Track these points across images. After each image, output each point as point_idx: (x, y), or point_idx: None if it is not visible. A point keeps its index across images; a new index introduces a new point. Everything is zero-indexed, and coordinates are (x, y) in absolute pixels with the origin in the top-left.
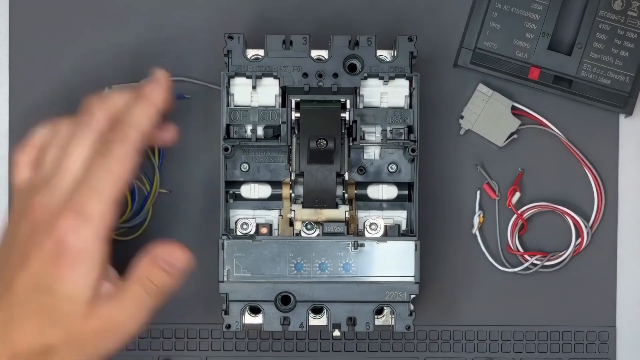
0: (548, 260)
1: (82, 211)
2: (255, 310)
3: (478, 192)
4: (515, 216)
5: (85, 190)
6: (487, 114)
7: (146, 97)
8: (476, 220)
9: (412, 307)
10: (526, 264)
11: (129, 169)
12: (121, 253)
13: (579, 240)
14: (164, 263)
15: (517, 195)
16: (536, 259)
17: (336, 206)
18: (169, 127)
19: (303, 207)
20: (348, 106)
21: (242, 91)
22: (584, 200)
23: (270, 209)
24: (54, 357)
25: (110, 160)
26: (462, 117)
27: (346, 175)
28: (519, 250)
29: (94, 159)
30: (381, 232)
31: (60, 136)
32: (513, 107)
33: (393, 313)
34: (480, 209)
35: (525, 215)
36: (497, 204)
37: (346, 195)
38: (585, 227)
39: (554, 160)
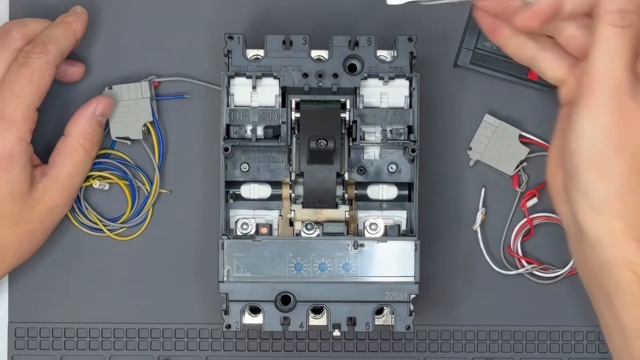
0: (542, 272)
1: (5, 116)
2: (255, 310)
3: (483, 189)
4: (524, 219)
5: (6, 97)
6: (495, 144)
7: (66, 22)
8: (479, 217)
9: (412, 307)
10: (521, 270)
11: (48, 81)
12: (122, 253)
13: None
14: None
15: (534, 200)
16: (532, 267)
17: (336, 206)
18: (79, 63)
19: (303, 207)
20: (348, 106)
21: (242, 91)
22: None
23: (270, 209)
24: (6, 254)
25: (30, 69)
26: (470, 149)
27: (346, 175)
28: (518, 253)
29: (13, 69)
30: (381, 232)
31: None
32: (521, 136)
33: (393, 313)
34: (483, 206)
35: (535, 222)
36: (518, 195)
37: (346, 195)
38: None
39: None
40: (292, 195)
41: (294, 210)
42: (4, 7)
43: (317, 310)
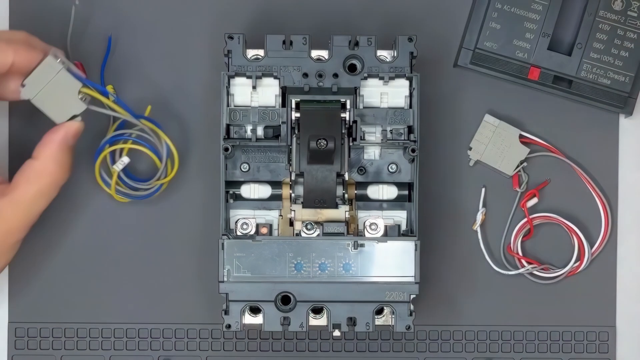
0: (543, 272)
1: None
2: (255, 310)
3: (483, 189)
4: (524, 219)
5: None
6: (495, 144)
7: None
8: (479, 217)
9: (412, 307)
10: (521, 270)
11: None
12: (122, 253)
13: (578, 262)
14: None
15: (534, 200)
16: (532, 267)
17: (336, 206)
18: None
19: (303, 207)
20: (348, 106)
21: (242, 91)
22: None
23: (270, 209)
24: None
25: None
26: (470, 149)
27: (346, 175)
28: (518, 253)
29: None
30: (381, 232)
31: None
32: (521, 136)
33: (393, 313)
34: (483, 206)
35: (535, 222)
36: (518, 195)
37: (346, 195)
38: (588, 251)
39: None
40: (292, 195)
41: (294, 210)
42: (4, 8)
43: (317, 310)
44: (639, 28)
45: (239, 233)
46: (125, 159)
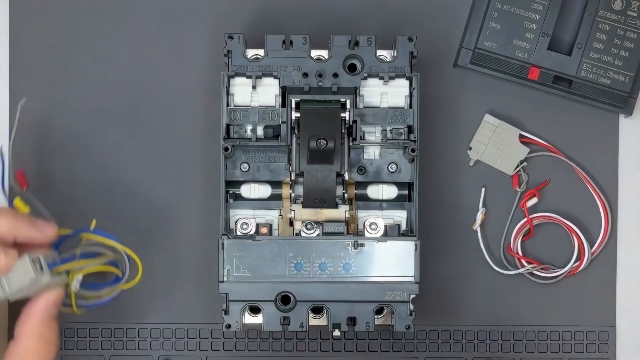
0: (543, 272)
1: None
2: (255, 310)
3: (483, 189)
4: (524, 219)
5: None
6: (495, 144)
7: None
8: (479, 217)
9: (412, 307)
10: (521, 270)
11: None
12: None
13: (578, 262)
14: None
15: (534, 200)
16: (532, 267)
17: (336, 206)
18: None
19: (303, 207)
20: (348, 106)
21: (242, 91)
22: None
23: (270, 209)
24: None
25: None
26: (470, 149)
27: (346, 175)
28: (518, 253)
29: None
30: (381, 232)
31: None
32: (521, 136)
33: (393, 313)
34: (483, 206)
35: (535, 222)
36: (518, 195)
37: (346, 195)
38: (588, 251)
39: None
40: (292, 195)
41: (294, 210)
42: (4, 7)
43: (317, 310)
44: (639, 28)
45: (239, 233)
46: (79, 277)
